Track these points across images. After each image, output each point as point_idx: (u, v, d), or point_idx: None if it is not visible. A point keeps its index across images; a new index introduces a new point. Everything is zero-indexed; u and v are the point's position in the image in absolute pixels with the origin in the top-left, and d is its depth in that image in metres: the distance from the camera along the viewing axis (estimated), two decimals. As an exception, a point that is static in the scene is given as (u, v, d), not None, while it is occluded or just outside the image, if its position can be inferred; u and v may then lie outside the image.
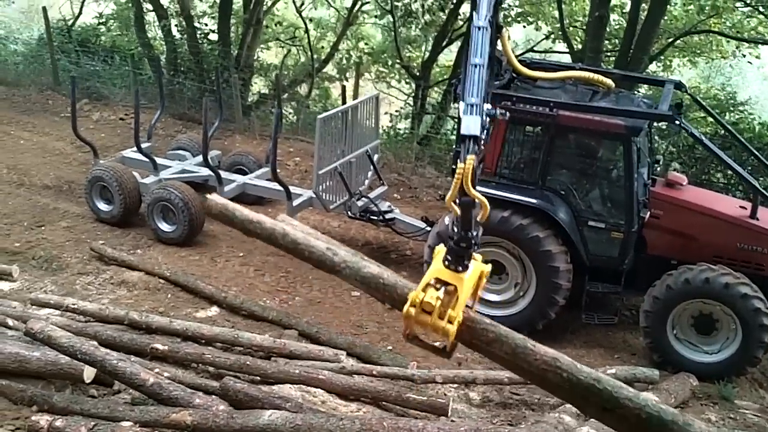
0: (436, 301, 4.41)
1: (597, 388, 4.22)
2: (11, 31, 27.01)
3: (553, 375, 4.43)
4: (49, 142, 14.92)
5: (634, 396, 4.19)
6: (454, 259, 4.59)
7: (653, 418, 4.17)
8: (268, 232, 4.90)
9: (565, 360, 4.38)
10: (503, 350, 4.56)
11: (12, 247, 10.59)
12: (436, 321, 4.45)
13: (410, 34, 19.41)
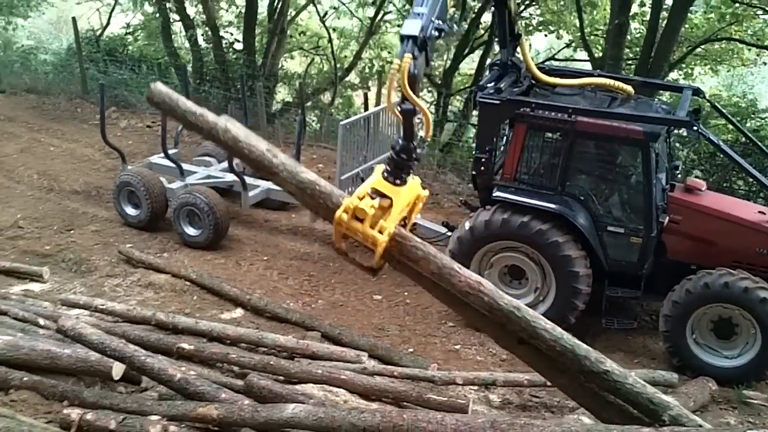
0: (369, 209, 4.51)
1: (516, 315, 4.34)
2: (41, 42, 27.57)
3: (475, 298, 4.52)
4: (78, 149, 15.22)
5: (551, 329, 4.29)
6: (393, 170, 4.69)
7: (567, 351, 4.26)
8: (209, 126, 4.70)
9: (488, 285, 4.47)
10: (430, 269, 4.59)
11: (43, 250, 10.86)
12: (367, 229, 4.56)
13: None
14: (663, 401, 4.31)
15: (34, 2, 26.11)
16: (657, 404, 4.27)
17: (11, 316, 7.92)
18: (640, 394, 4.29)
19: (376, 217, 4.55)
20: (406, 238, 4.64)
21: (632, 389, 4.33)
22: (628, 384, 4.33)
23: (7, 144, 15.35)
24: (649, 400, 4.29)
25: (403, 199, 4.69)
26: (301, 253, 11.24)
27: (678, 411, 4.29)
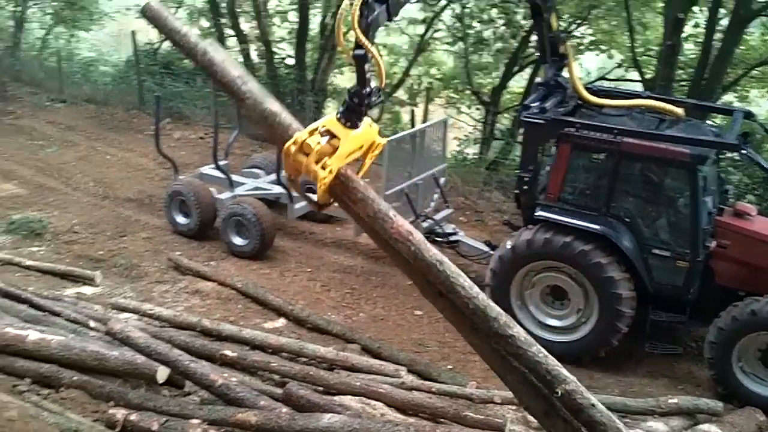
0: (315, 145, 4.72)
1: (437, 269, 4.53)
2: (102, 54, 28.32)
3: (403, 246, 4.75)
4: (133, 158, 15.64)
5: (469, 287, 4.48)
6: (345, 113, 4.89)
7: (479, 311, 4.50)
8: (190, 46, 5.05)
9: (417, 236, 4.65)
10: (366, 212, 4.87)
11: (96, 254, 11.19)
12: (311, 164, 4.75)
13: (481, 61, 19.59)
14: (561, 374, 4.45)
15: (96, 16, 26.92)
16: (554, 376, 4.44)
17: (64, 317, 8.17)
18: (539, 363, 4.48)
19: (322, 153, 4.74)
20: (349, 179, 4.88)
21: (533, 357, 4.53)
22: (530, 352, 4.54)
23: (67, 152, 15.87)
24: (547, 370, 4.46)
25: (353, 142, 4.90)
26: (344, 266, 11.37)
27: (574, 387, 4.43)
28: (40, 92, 20.28)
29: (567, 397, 4.53)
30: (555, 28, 9.26)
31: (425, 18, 19.75)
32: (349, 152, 4.93)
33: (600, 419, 4.50)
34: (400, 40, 21.75)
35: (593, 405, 4.47)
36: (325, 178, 4.77)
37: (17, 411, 4.87)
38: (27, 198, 13.23)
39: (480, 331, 4.71)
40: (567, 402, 4.59)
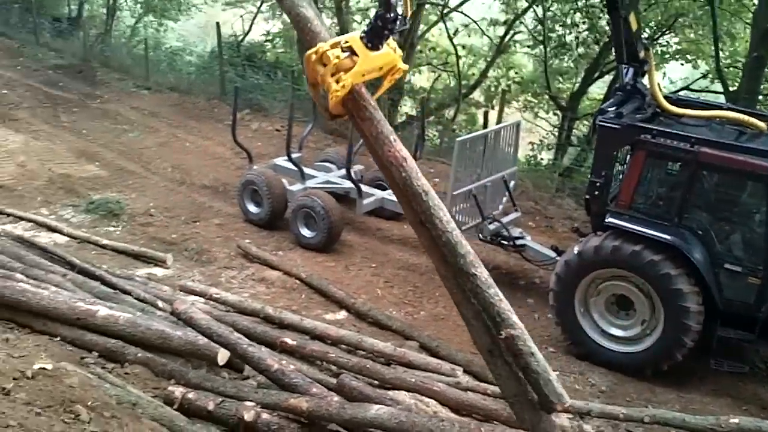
0: (334, 58, 4.85)
1: (422, 198, 4.78)
2: (188, 44, 29.11)
3: (396, 170, 4.97)
4: (211, 147, 16.02)
5: (446, 221, 4.75)
6: (368, 34, 4.97)
7: (450, 245, 4.80)
8: None
9: (410, 162, 4.84)
10: (371, 131, 5.09)
11: (169, 237, 11.54)
12: (327, 75, 4.93)
13: (562, 66, 19.38)
14: (510, 319, 4.69)
15: (184, 6, 27.70)
16: (504, 319, 4.69)
17: (134, 296, 8.47)
18: (493, 305, 4.74)
19: (339, 67, 4.90)
20: (362, 97, 5.11)
21: (488, 299, 4.81)
22: (488, 293, 4.83)
23: (148, 137, 16.37)
24: (498, 313, 4.72)
25: (371, 62, 5.03)
26: (408, 263, 11.41)
27: (519, 333, 4.68)
28: (127, 78, 20.89)
29: (510, 340, 4.83)
30: (634, 30, 9.07)
31: (506, 20, 19.65)
32: (365, 71, 5.08)
33: (535, 368, 4.82)
34: (480, 42, 21.69)
35: (532, 353, 4.79)
36: (338, 92, 4.96)
37: (78, 378, 5.07)
38: (107, 179, 13.72)
39: (448, 264, 5.03)
40: (509, 345, 4.91)
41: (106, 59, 22.61)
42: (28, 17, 25.21)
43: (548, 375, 5.02)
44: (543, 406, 5.12)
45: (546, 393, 5.02)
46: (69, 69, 21.41)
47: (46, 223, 11.38)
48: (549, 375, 5.02)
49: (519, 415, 5.37)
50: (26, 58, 22.41)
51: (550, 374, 5.01)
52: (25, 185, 13.05)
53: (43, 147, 15.11)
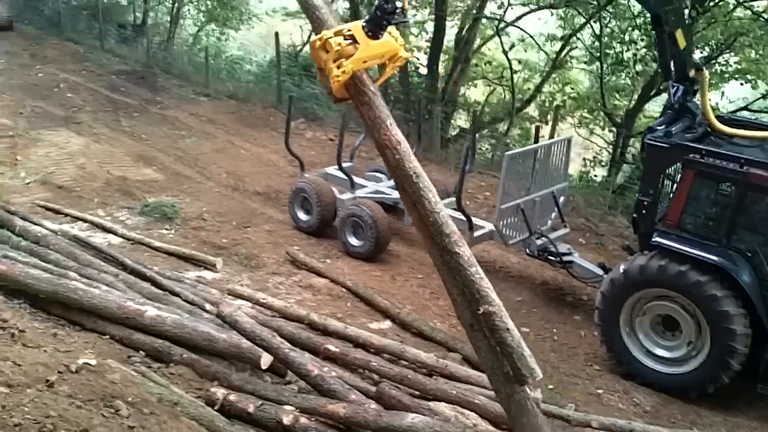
0: (336, 45, 5.31)
1: (413, 180, 5.30)
2: (248, 53, 29.65)
3: (390, 153, 5.42)
4: (265, 154, 16.28)
5: (434, 202, 5.24)
6: (370, 24, 5.45)
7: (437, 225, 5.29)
8: None
9: (404, 146, 5.35)
10: (369, 115, 5.53)
11: (220, 242, 11.75)
12: (329, 61, 5.40)
13: (618, 82, 19.18)
14: (489, 297, 5.14)
15: (245, 16, 28.24)
16: (483, 296, 5.15)
17: (183, 298, 8.64)
18: (474, 283, 5.23)
19: (342, 54, 5.34)
20: (362, 83, 5.55)
21: (470, 276, 5.31)
22: (469, 271, 5.33)
23: (205, 143, 16.72)
24: (478, 290, 5.19)
25: (372, 50, 5.48)
26: (455, 276, 11.41)
27: (496, 310, 5.13)
28: (187, 85, 21.38)
29: (488, 316, 5.30)
30: (682, 47, 8.98)
31: (563, 35, 19.55)
32: (366, 57, 5.52)
33: (510, 343, 5.26)
34: (537, 57, 21.62)
35: (508, 329, 5.24)
36: (338, 77, 5.40)
37: (120, 375, 5.24)
38: (163, 183, 14.05)
39: (435, 243, 5.51)
40: (487, 320, 5.39)
41: (168, 66, 23.19)
42: (95, 23, 25.99)
43: (522, 350, 5.40)
44: (517, 379, 5.55)
45: (519, 367, 5.43)
46: (131, 75, 22.02)
47: (102, 224, 11.68)
48: (523, 350, 5.40)
49: (495, 386, 5.85)
50: (91, 63, 23.08)
51: (524, 350, 5.40)
52: (84, 186, 13.41)
53: (103, 150, 15.54)
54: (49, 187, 13.21)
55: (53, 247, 9.50)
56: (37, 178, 13.51)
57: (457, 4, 19.01)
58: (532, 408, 5.77)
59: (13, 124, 16.51)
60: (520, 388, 5.60)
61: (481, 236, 11.10)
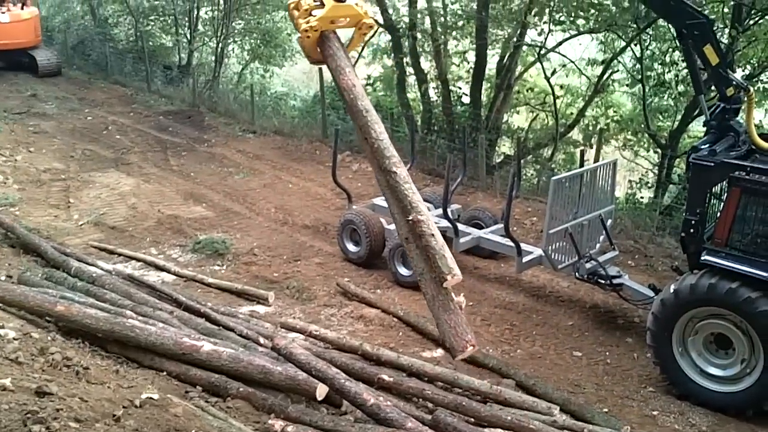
0: (306, 4, 6.98)
1: (363, 114, 6.78)
2: (292, 89, 30.17)
3: (347, 94, 6.97)
4: (313, 188, 16.54)
5: (379, 132, 6.65)
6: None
7: (379, 151, 6.69)
8: None
9: (358, 89, 6.91)
10: (332, 65, 7.10)
11: (271, 276, 11.97)
12: (300, 18, 7.05)
13: (661, 104, 19.09)
14: (418, 207, 6.48)
15: (288, 53, 28.77)
16: (413, 207, 6.52)
17: (237, 332, 8.85)
18: (407, 197, 6.59)
19: (308, 12, 6.95)
20: (329, 39, 7.14)
21: (403, 191, 6.62)
22: (403, 186, 6.62)
23: (253, 179, 17.05)
24: (410, 202, 6.57)
25: (336, 11, 6.97)
26: (505, 301, 11.46)
27: (423, 218, 6.43)
28: (234, 123, 21.82)
29: (416, 223, 6.45)
30: (714, 64, 8.99)
31: (604, 59, 19.56)
32: (332, 17, 6.99)
33: (434, 245, 6.37)
34: (579, 81, 21.63)
35: (433, 235, 6.40)
36: (307, 31, 6.94)
37: (182, 408, 5.41)
38: (213, 220, 14.38)
39: (381, 167, 6.80)
40: (415, 227, 6.51)
41: (214, 105, 23.70)
42: (141, 66, 26.74)
43: (444, 252, 6.44)
44: (438, 279, 6.49)
45: (440, 266, 6.39)
46: (178, 114, 22.61)
47: (155, 263, 12.03)
48: (444, 252, 6.44)
49: (424, 289, 6.82)
50: (138, 105, 23.79)
51: (445, 252, 6.45)
52: (136, 226, 13.84)
53: (153, 189, 16.00)
54: (102, 228, 13.67)
55: (108, 287, 9.80)
56: (90, 220, 13.98)
57: (497, 32, 19.12)
58: (454, 308, 6.68)
59: (65, 167, 17.12)
60: (445, 290, 6.54)
61: (530, 261, 11.13)
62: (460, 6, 20.61)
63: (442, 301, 6.66)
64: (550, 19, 17.98)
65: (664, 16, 10.22)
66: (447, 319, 6.70)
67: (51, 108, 22.66)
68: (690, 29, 9.01)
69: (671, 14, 9.41)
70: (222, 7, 27.29)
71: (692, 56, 9.19)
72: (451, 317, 6.69)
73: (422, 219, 6.49)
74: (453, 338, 6.78)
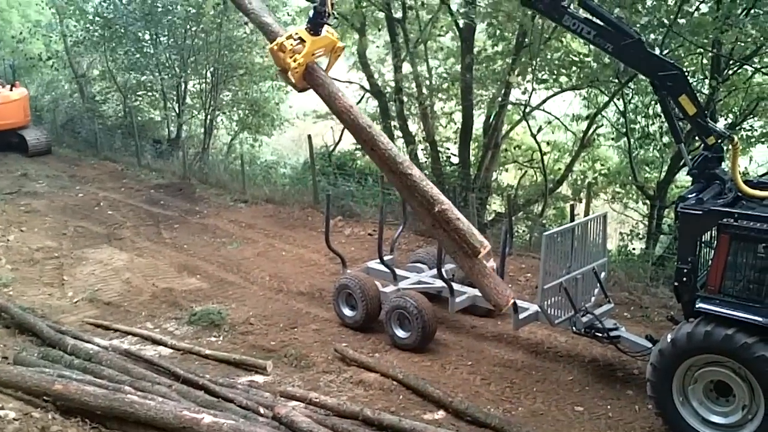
0: (290, 45, 8.11)
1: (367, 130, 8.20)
2: (282, 157, 30.50)
3: (347, 115, 8.16)
4: (306, 254, 16.58)
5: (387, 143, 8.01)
6: (311, 25, 8.30)
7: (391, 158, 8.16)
8: None
9: (355, 108, 8.39)
10: (324, 92, 8.39)
11: (268, 345, 11.93)
12: (287, 58, 8.23)
13: (647, 155, 19.39)
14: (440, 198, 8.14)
15: (277, 122, 29.20)
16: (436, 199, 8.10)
17: (236, 403, 8.82)
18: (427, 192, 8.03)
19: (294, 51, 8.14)
20: (315, 71, 8.42)
21: (423, 188, 8.00)
22: (421, 184, 8.05)
23: (246, 248, 17.10)
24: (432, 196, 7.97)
25: (316, 44, 8.29)
26: (504, 359, 11.42)
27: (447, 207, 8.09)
28: (225, 193, 21.95)
29: (442, 213, 7.80)
30: (691, 114, 9.18)
31: (588, 114, 19.92)
32: (313, 50, 8.25)
33: (461, 227, 7.86)
34: (565, 136, 21.98)
35: (458, 218, 7.87)
36: (296, 69, 8.15)
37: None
38: (208, 291, 14.37)
39: (394, 172, 7.86)
40: (442, 215, 7.87)
41: (205, 176, 23.86)
42: (131, 141, 26.99)
43: (472, 231, 7.97)
44: (472, 252, 7.97)
45: (472, 242, 7.91)
46: (169, 187, 22.74)
47: (151, 337, 12.00)
48: (473, 231, 7.99)
49: (461, 263, 8.32)
50: (129, 180, 23.97)
51: (473, 230, 8.01)
52: (131, 301, 13.84)
53: (147, 263, 16.02)
54: (97, 304, 13.69)
55: (105, 363, 9.79)
56: (85, 296, 14.00)
57: (482, 93, 19.52)
58: (490, 272, 8.33)
59: (58, 245, 17.16)
60: (477, 259, 8.03)
61: (526, 318, 11.15)
62: (445, 69, 21.09)
63: (479, 269, 8.25)
64: (533, 78, 18.36)
65: (636, 68, 10.49)
66: (487, 283, 8.34)
67: (42, 187, 22.84)
68: (663, 80, 9.24)
69: (643, 66, 9.67)
70: (209, 80, 27.77)
71: (668, 107, 9.41)
72: (490, 280, 8.40)
73: (446, 208, 8.00)
74: (496, 296, 8.53)
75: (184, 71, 27.42)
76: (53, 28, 30.66)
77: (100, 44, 28.30)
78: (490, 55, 19.55)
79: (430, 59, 21.32)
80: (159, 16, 26.67)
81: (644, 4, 15.67)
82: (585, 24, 9.37)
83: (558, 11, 9.48)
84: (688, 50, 16.13)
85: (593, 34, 9.38)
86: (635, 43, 9.25)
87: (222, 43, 26.53)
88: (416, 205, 8.23)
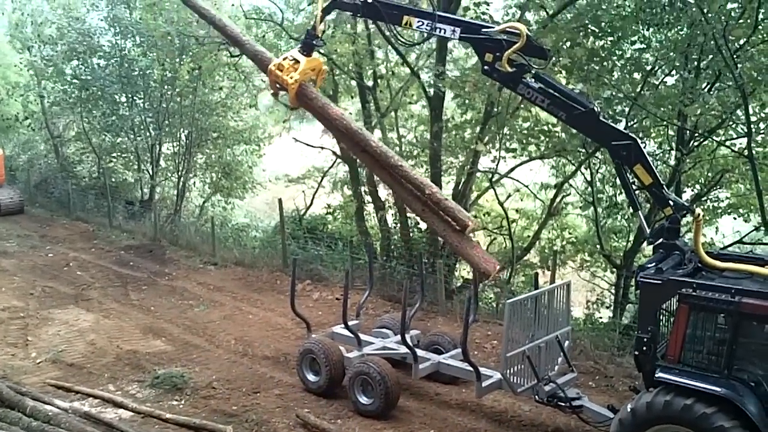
0: (287, 65, 10.12)
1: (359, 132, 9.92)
2: (254, 219, 30.54)
3: (340, 122, 9.90)
4: (273, 318, 16.49)
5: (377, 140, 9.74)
6: (303, 47, 10.38)
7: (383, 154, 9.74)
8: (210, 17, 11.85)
9: (347, 115, 10.00)
10: (317, 105, 10.22)
11: (230, 409, 11.75)
12: (284, 76, 10.16)
13: (615, 224, 19.65)
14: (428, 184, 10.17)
15: (249, 185, 29.33)
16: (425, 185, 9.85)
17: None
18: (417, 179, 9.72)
19: (290, 68, 10.11)
20: (307, 87, 10.25)
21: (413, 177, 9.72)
22: (411, 173, 9.74)
23: (213, 311, 16.99)
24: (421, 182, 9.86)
25: (308, 64, 10.32)
26: (468, 427, 11.30)
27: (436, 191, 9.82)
28: (195, 255, 21.89)
29: (432, 195, 9.59)
30: (647, 184, 9.41)
31: (556, 183, 20.21)
32: (305, 70, 10.24)
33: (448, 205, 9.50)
34: (533, 205, 22.23)
35: (446, 198, 9.74)
36: (292, 85, 10.06)
37: None
38: (172, 354, 14.20)
39: (383, 168, 9.59)
40: (432, 198, 9.61)
41: (175, 238, 23.83)
42: (103, 202, 26.91)
43: (459, 207, 9.78)
44: (461, 227, 9.69)
45: (460, 218, 9.69)
46: (140, 249, 22.65)
47: (112, 399, 11.82)
48: (459, 209, 9.75)
49: (449, 240, 10.07)
50: (100, 241, 23.88)
51: (459, 207, 9.79)
52: (94, 362, 13.65)
53: (113, 325, 15.85)
54: (60, 366, 13.48)
55: (64, 426, 9.63)
56: (48, 357, 13.81)
57: (451, 160, 19.78)
58: (476, 244, 10.07)
59: (24, 305, 16.98)
60: (465, 234, 9.77)
61: (489, 386, 11.10)
62: (414, 136, 21.38)
63: (467, 241, 9.77)
64: (501, 147, 18.65)
65: (590, 137, 10.82)
66: (474, 252, 9.89)
67: (12, 246, 22.72)
68: (616, 149, 9.49)
69: (596, 135, 9.96)
70: (184, 143, 27.93)
71: (624, 175, 9.66)
72: (477, 250, 10.05)
73: (435, 191, 9.80)
74: (484, 263, 10.01)
75: (159, 134, 27.60)
76: (31, 88, 30.78)
77: (77, 105, 28.52)
78: (459, 123, 19.88)
79: (400, 127, 21.67)
80: (135, 78, 26.97)
81: (610, 79, 16.07)
82: (539, 93, 9.81)
83: (513, 81, 9.90)
84: (654, 122, 16.51)
85: (547, 103, 9.83)
86: (587, 113, 9.57)
87: (196, 107, 26.86)
88: (406, 194, 9.75)
